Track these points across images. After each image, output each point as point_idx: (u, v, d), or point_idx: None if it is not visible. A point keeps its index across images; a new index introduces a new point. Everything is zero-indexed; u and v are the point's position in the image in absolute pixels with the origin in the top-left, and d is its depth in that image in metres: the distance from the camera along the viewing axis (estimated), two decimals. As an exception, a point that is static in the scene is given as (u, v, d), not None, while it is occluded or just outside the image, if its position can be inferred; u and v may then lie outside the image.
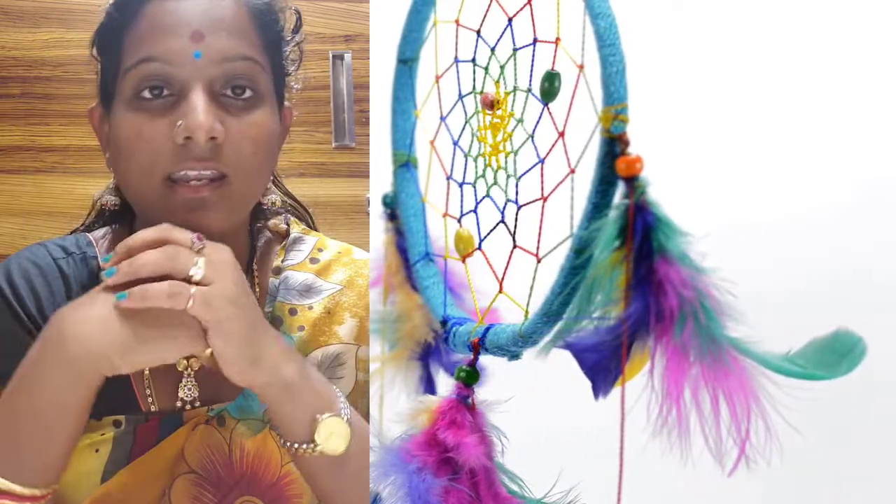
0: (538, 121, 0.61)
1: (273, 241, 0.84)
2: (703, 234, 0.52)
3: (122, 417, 0.73)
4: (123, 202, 0.79)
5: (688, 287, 0.51)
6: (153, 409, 0.74)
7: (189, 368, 0.74)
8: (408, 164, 0.73)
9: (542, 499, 0.62)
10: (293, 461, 0.71)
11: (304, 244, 0.83)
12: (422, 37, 0.71)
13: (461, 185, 0.68)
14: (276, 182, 0.84)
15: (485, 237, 0.66)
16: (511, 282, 0.63)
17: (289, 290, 0.79)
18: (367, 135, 1.23)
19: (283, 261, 0.81)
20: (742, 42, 1.10)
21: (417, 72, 0.72)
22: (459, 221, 0.68)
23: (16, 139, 1.19)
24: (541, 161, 0.61)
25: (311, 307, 0.79)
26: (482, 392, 0.63)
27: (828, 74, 1.11)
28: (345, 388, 0.77)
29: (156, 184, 0.69)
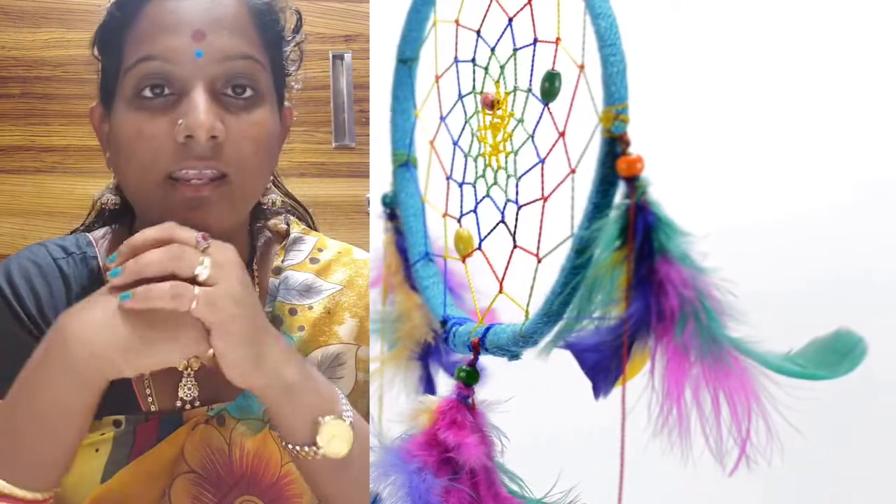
0: (538, 121, 0.61)
1: (273, 241, 0.83)
2: (704, 234, 0.52)
3: (122, 417, 0.73)
4: (123, 202, 0.79)
5: (689, 287, 0.51)
6: (153, 409, 0.74)
7: (189, 368, 0.74)
8: (407, 164, 0.73)
9: (543, 499, 0.62)
10: (294, 462, 0.71)
11: (304, 244, 0.83)
12: (422, 37, 0.71)
13: (461, 185, 0.68)
14: (276, 182, 0.84)
15: (485, 237, 0.66)
16: (511, 282, 0.63)
17: (289, 290, 0.79)
18: (367, 135, 1.23)
19: (283, 261, 0.81)
20: (742, 42, 1.10)
21: (417, 72, 0.72)
22: (459, 221, 0.68)
23: (16, 139, 1.19)
24: (541, 161, 0.61)
25: (311, 307, 0.79)
26: (482, 392, 0.63)
27: (828, 74, 1.11)
28: (345, 388, 0.76)
29: (156, 182, 0.69)
